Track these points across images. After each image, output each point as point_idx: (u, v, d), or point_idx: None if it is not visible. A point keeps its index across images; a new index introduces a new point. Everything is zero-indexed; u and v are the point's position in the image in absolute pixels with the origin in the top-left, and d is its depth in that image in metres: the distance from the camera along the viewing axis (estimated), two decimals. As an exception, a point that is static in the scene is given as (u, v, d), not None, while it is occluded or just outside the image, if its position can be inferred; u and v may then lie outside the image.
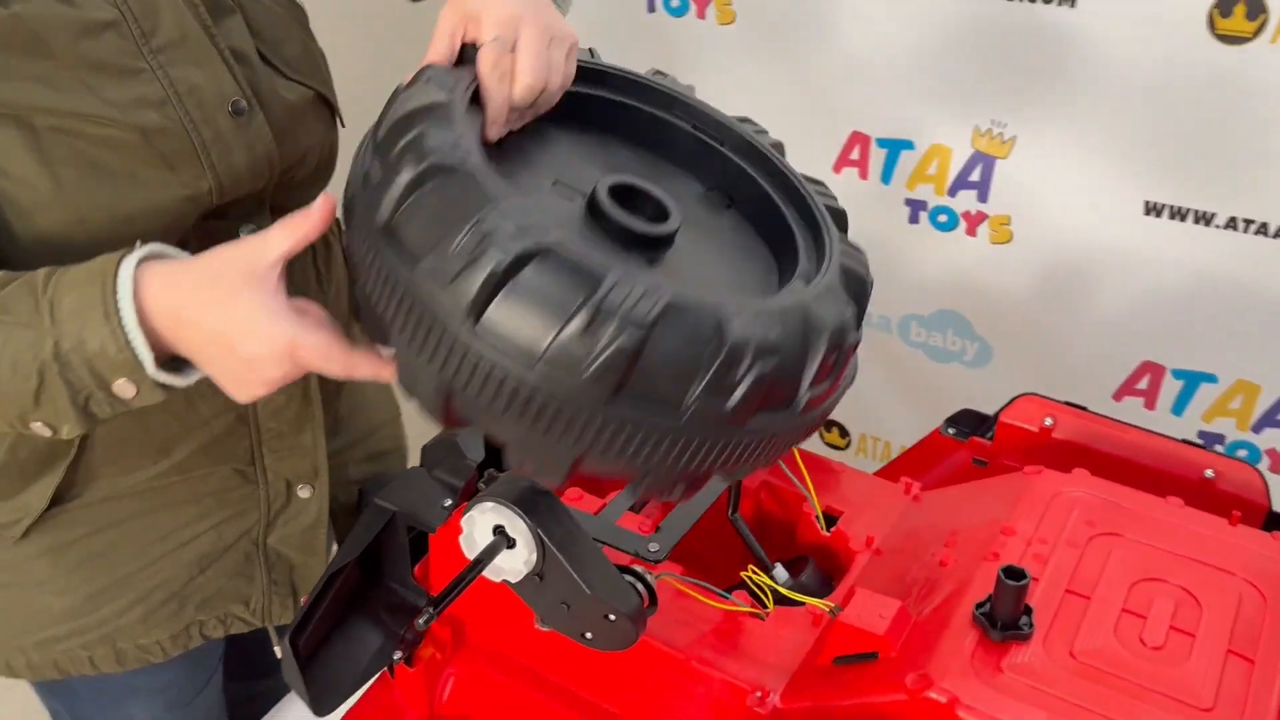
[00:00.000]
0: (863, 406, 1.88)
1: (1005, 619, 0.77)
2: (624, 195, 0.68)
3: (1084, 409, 1.05)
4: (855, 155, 1.66)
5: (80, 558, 0.91)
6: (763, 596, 0.88)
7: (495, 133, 0.69)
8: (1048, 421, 1.04)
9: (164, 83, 0.79)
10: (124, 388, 0.68)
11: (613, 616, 0.76)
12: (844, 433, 1.95)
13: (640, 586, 0.79)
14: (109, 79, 0.77)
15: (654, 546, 0.80)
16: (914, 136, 1.59)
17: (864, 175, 1.67)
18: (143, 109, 0.78)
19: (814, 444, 1.96)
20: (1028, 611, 0.78)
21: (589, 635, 0.78)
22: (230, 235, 0.85)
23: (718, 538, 1.01)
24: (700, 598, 0.87)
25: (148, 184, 0.79)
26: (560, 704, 0.90)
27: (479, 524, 0.75)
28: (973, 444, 1.09)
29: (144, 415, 0.82)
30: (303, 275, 0.95)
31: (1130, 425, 1.03)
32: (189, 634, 0.97)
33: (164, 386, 0.69)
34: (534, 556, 0.75)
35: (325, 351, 0.66)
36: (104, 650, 0.95)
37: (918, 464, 1.12)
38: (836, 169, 1.68)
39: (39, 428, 0.71)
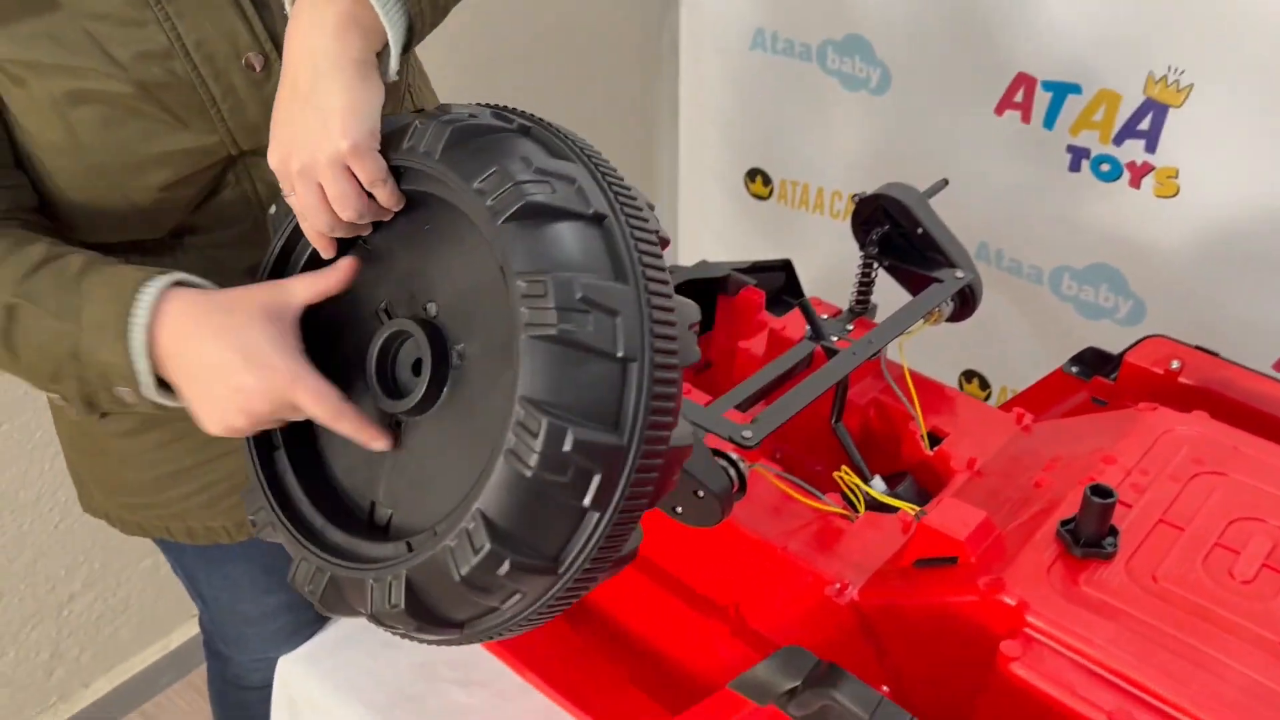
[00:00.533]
0: (1005, 358, 1.85)
1: (1089, 536, 0.77)
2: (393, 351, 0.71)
3: (1215, 354, 1.02)
4: (1019, 98, 1.62)
5: (152, 444, 0.94)
6: (854, 499, 0.91)
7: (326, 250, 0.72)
8: (1175, 365, 1.02)
9: (170, 35, 0.75)
10: (124, 394, 0.73)
11: (701, 494, 0.81)
12: (984, 384, 1.92)
13: (732, 471, 0.83)
14: (114, 29, 0.74)
15: (748, 434, 0.83)
16: (1082, 80, 1.54)
17: (1026, 119, 1.63)
18: (146, 63, 0.75)
19: (953, 393, 1.94)
20: (1113, 533, 0.78)
21: (679, 510, 0.83)
22: (258, 171, 0.84)
23: (823, 446, 1.04)
24: (793, 493, 0.90)
25: (158, 136, 0.78)
26: (651, 579, 0.96)
27: None
28: (1095, 383, 1.08)
29: None
30: None
31: (1265, 375, 1.00)
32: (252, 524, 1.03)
33: (157, 402, 0.73)
34: None
35: (322, 395, 0.67)
36: (177, 525, 1.00)
37: (1037, 401, 1.11)
38: (998, 111, 1.65)
39: (54, 398, 0.79)
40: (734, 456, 0.84)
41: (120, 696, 1.68)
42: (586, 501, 0.59)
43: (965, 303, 1.05)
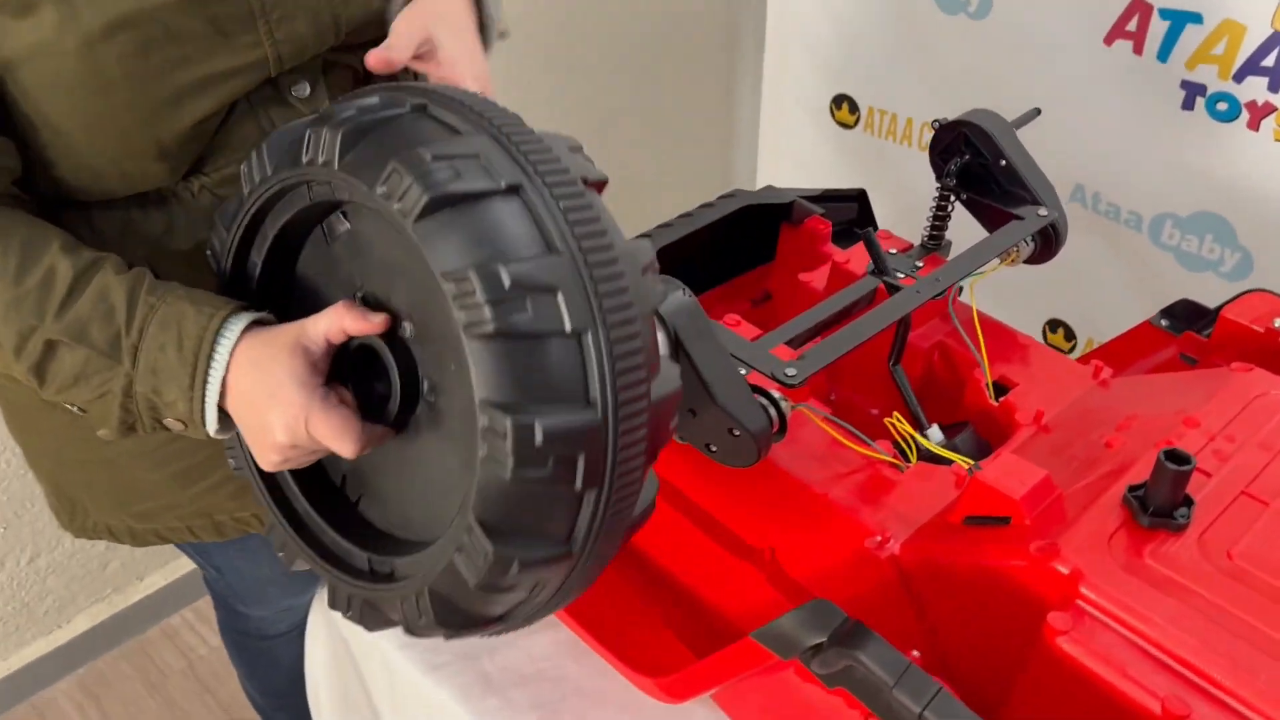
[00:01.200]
0: (1096, 307, 1.75)
1: (1159, 505, 0.70)
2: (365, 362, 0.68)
3: (1325, 314, 0.93)
4: (1132, 26, 1.49)
5: (163, 439, 0.89)
6: (906, 448, 0.85)
7: None
8: (1277, 323, 0.92)
9: None
10: (174, 424, 0.70)
11: (737, 432, 0.75)
12: (1070, 334, 1.82)
13: (772, 411, 0.78)
14: None
15: (792, 371, 0.78)
16: (1203, 9, 1.41)
17: (1138, 50, 1.50)
18: None
19: (1036, 342, 1.85)
20: (1188, 503, 0.71)
21: (713, 447, 0.78)
22: (278, 99, 0.80)
23: (881, 389, 0.98)
24: (840, 437, 0.85)
25: (197, 60, 0.73)
26: (688, 517, 0.91)
27: None
28: (1186, 339, 0.99)
29: None
30: None
31: (1380, 340, 0.90)
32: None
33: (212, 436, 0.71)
34: (669, 354, 0.75)
35: (339, 430, 0.65)
36: (202, 522, 0.95)
37: (1120, 354, 1.03)
38: (1108, 41, 1.52)
39: (69, 407, 0.74)
40: (776, 395, 0.78)
41: (173, 592, 1.72)
42: (578, 485, 0.57)
43: (1047, 244, 0.97)
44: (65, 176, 0.75)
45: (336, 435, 0.65)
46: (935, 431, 0.92)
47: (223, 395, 0.68)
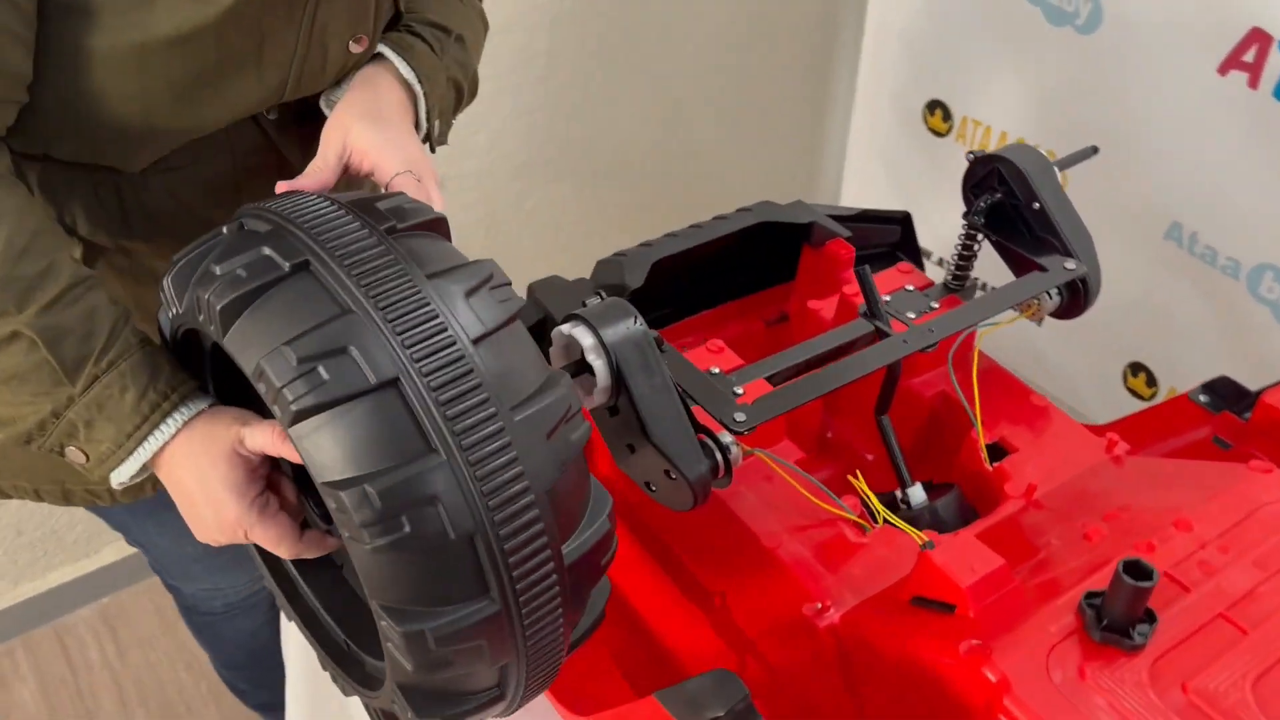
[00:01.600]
0: (1182, 355, 1.62)
1: (1113, 618, 0.63)
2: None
3: (1379, 415, 0.82)
4: (1249, 57, 1.36)
5: None
6: (871, 509, 0.79)
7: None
8: (1322, 418, 0.83)
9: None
10: (76, 455, 0.68)
11: (673, 475, 0.71)
12: (1151, 379, 1.69)
13: (719, 456, 0.73)
14: None
15: (741, 417, 0.72)
16: (1329, 45, 1.27)
17: (1253, 83, 1.37)
18: None
19: (1114, 388, 1.73)
20: (1149, 619, 0.63)
21: (653, 487, 0.74)
22: (252, 118, 0.82)
23: (869, 437, 0.92)
24: (800, 488, 0.79)
25: (231, 74, 0.75)
26: (649, 552, 0.87)
27: (566, 340, 0.72)
28: (1223, 419, 0.89)
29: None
30: None
31: None
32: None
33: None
34: (607, 387, 0.71)
35: (275, 539, 0.67)
36: (51, 488, 0.91)
37: (1148, 428, 0.94)
38: (1221, 70, 1.39)
39: None
40: (726, 439, 0.73)
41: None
42: (488, 662, 0.57)
43: (1075, 298, 0.89)
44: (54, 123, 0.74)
45: (274, 543, 0.67)
46: (918, 491, 0.85)
47: (155, 459, 0.67)
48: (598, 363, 0.70)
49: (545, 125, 1.71)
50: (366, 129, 0.77)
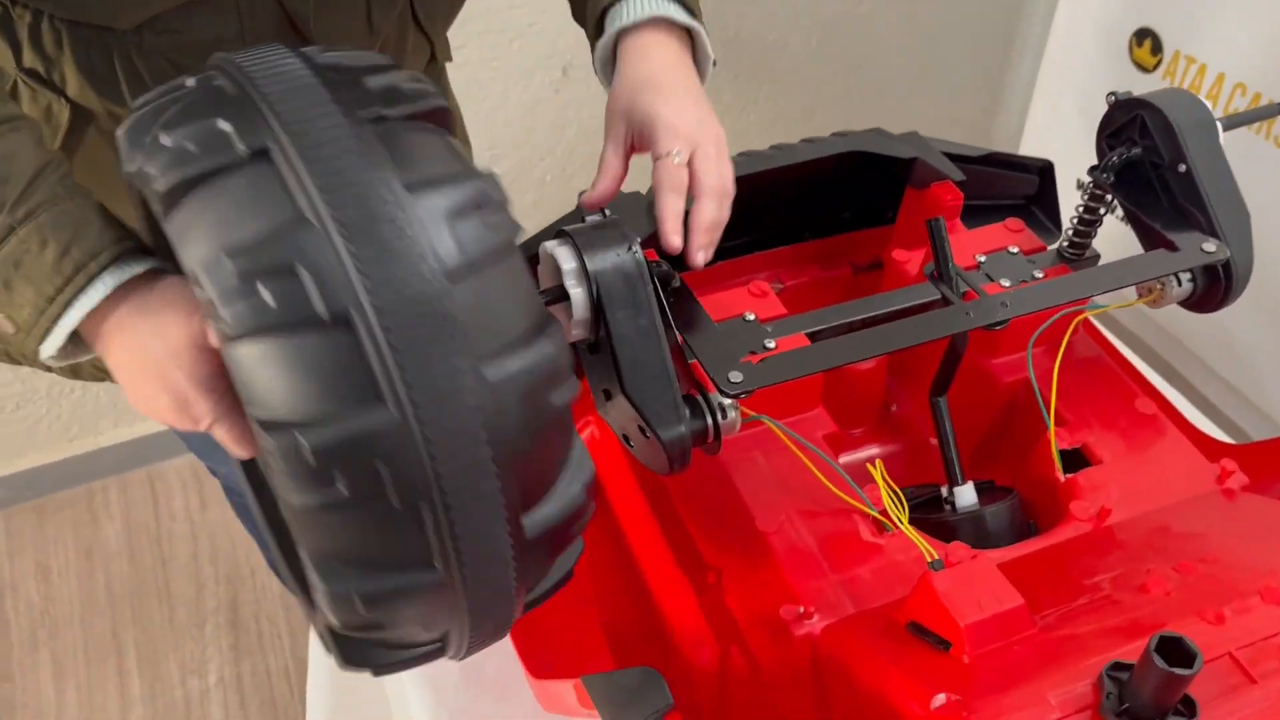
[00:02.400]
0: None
1: (1137, 704, 0.50)
2: None
3: None
4: None
5: None
6: (894, 511, 0.66)
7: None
8: None
9: None
10: (3, 324, 0.60)
11: (646, 432, 0.61)
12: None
13: (709, 418, 0.62)
14: None
15: (737, 377, 0.61)
16: None
17: None
18: None
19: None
20: (1188, 712, 0.50)
21: (629, 441, 0.64)
22: None
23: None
24: (813, 469, 0.67)
25: None
26: (660, 516, 0.78)
27: (550, 260, 0.62)
28: (1381, 463, 0.71)
29: None
30: None
31: None
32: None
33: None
34: (586, 319, 0.61)
35: (238, 439, 0.56)
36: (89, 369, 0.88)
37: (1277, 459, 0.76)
38: None
39: None
40: (724, 401, 0.63)
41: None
42: (394, 503, 0.44)
43: (1214, 288, 0.72)
44: None
45: (234, 442, 0.57)
46: (967, 491, 0.72)
47: (90, 330, 0.58)
48: (576, 291, 0.60)
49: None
50: (642, 104, 0.69)
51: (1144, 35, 1.61)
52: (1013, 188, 0.97)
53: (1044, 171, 0.96)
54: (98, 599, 1.49)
